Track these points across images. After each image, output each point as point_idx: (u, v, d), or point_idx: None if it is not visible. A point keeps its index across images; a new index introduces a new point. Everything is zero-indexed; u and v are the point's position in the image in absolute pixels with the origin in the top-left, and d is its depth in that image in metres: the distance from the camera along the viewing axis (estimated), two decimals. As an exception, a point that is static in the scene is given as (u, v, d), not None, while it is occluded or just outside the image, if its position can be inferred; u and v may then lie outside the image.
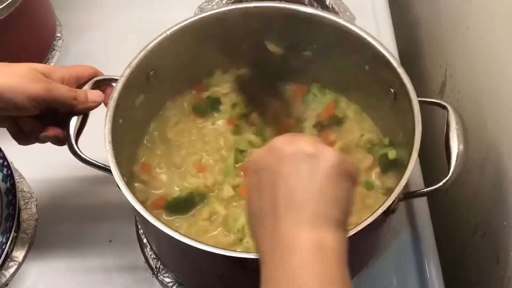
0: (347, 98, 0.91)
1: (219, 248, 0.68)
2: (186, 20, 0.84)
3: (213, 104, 0.90)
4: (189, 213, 0.81)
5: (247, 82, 0.90)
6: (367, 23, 1.08)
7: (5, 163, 0.90)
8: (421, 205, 0.91)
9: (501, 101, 0.79)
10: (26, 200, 0.91)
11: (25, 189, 0.92)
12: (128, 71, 0.79)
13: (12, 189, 0.88)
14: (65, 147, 0.77)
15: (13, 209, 0.86)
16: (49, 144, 0.96)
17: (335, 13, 1.08)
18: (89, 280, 0.86)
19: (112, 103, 0.77)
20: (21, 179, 0.93)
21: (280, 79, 0.92)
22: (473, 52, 0.89)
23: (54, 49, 1.08)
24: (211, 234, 0.80)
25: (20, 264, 0.86)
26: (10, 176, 0.89)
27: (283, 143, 0.57)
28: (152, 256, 0.87)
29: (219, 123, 0.89)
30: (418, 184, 0.92)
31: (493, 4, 0.82)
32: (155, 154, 0.87)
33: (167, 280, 0.85)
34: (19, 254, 0.87)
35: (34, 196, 0.92)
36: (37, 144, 0.97)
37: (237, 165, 0.85)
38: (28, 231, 0.88)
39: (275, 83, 0.91)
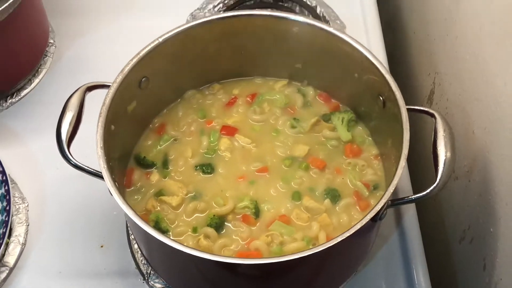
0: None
1: (209, 253, 0.69)
2: (178, 27, 0.85)
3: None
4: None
5: None
6: (357, 32, 1.10)
7: (0, 168, 0.90)
8: (410, 211, 0.92)
9: (488, 110, 0.80)
10: (17, 206, 0.91)
11: (16, 195, 0.92)
12: (120, 77, 0.80)
13: (6, 195, 0.88)
14: (57, 153, 0.77)
15: (7, 215, 0.87)
16: (41, 149, 0.98)
17: (326, 21, 1.09)
18: (81, 285, 0.86)
19: (104, 109, 0.77)
20: (13, 185, 0.93)
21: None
22: (461, 61, 0.90)
23: (46, 55, 1.09)
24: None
25: (11, 270, 0.86)
26: (5, 182, 0.89)
27: None
28: (143, 262, 0.87)
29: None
30: (407, 190, 0.93)
31: (481, 14, 0.83)
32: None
33: (158, 285, 0.85)
34: (10, 259, 0.87)
35: (26, 202, 0.92)
36: (29, 150, 0.99)
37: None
38: (19, 236, 0.89)
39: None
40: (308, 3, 1.12)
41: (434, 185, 0.73)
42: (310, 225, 0.81)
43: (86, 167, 0.77)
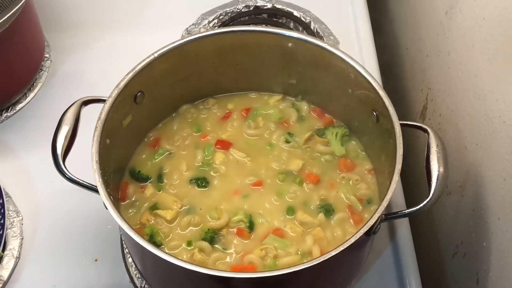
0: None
1: (203, 267, 0.69)
2: (173, 42, 0.86)
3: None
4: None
5: None
6: (351, 47, 1.11)
7: (-7, 182, 0.90)
8: (403, 226, 0.92)
9: (480, 126, 0.81)
10: (12, 219, 0.91)
11: (11, 208, 0.92)
12: (116, 91, 0.81)
13: (0, 209, 0.89)
14: (52, 167, 0.77)
15: (1, 229, 0.87)
16: (36, 163, 0.98)
17: (320, 37, 1.10)
18: (74, 299, 0.86)
19: (99, 123, 0.78)
20: (7, 198, 0.93)
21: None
22: (453, 77, 0.91)
23: (42, 70, 1.09)
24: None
25: (5, 283, 0.86)
26: (-1, 196, 0.89)
27: None
28: (137, 276, 0.87)
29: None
30: (400, 205, 0.94)
31: (473, 32, 0.84)
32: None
33: (152, 299, 0.86)
34: (4, 273, 0.87)
35: (20, 215, 0.92)
36: (24, 163, 0.99)
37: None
38: (13, 250, 0.89)
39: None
40: (302, 19, 1.13)
41: (427, 200, 0.74)
42: (304, 239, 0.81)
43: (81, 181, 0.77)
